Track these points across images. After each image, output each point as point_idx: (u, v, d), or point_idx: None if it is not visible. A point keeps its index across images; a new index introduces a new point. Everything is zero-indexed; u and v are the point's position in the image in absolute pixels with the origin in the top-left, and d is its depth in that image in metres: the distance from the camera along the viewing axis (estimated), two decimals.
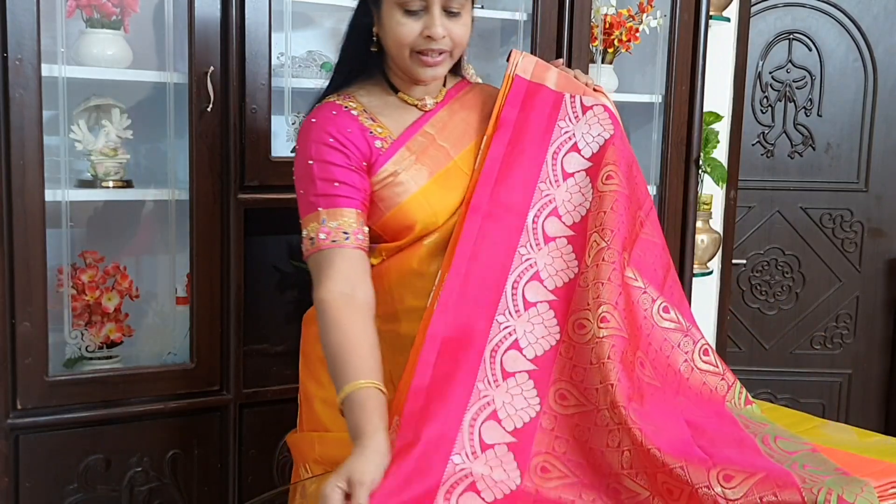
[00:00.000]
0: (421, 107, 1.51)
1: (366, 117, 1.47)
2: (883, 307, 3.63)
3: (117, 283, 2.02)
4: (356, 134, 1.44)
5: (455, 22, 1.43)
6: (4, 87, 1.77)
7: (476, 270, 1.37)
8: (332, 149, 1.42)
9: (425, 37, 1.41)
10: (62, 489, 1.91)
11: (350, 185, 1.41)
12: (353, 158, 1.42)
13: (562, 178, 1.46)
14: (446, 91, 1.55)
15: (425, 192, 1.45)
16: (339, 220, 1.39)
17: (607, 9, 2.55)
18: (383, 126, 1.48)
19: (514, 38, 2.45)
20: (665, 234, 2.59)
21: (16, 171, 1.79)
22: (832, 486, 1.09)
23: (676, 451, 1.17)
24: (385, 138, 1.46)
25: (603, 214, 1.40)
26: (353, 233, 1.39)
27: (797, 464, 1.17)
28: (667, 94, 2.59)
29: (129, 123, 2.02)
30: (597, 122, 1.49)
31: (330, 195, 1.40)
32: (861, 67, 3.50)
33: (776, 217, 3.60)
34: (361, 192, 1.43)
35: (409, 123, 1.49)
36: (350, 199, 1.41)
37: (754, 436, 1.27)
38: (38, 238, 1.82)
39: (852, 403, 3.67)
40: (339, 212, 1.40)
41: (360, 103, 1.49)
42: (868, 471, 1.19)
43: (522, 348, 1.32)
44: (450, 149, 1.49)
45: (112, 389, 1.94)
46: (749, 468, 1.13)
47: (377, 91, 1.51)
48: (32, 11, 1.78)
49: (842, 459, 1.23)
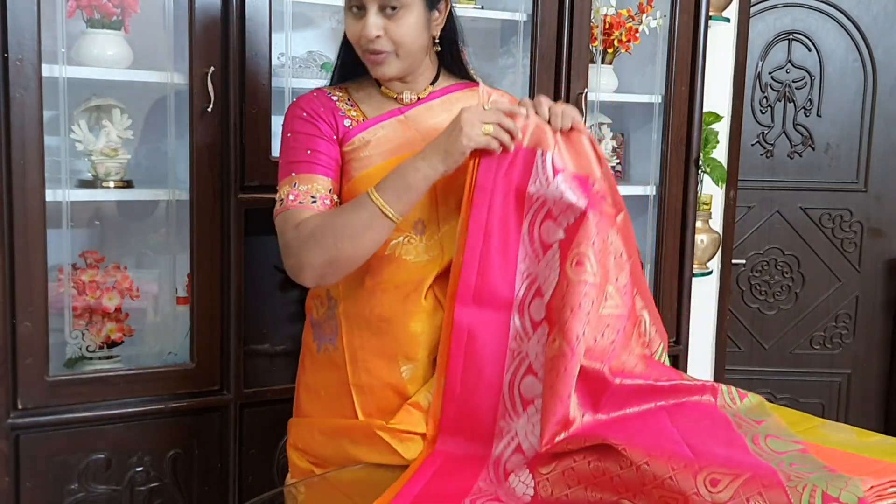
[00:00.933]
0: (399, 100, 1.58)
1: (344, 102, 1.57)
2: (882, 307, 3.63)
3: (117, 283, 2.02)
4: (327, 112, 1.53)
5: (395, 21, 1.47)
6: (5, 87, 1.77)
7: (470, 378, 1.39)
8: (305, 121, 1.52)
9: (366, 41, 1.48)
10: (62, 489, 1.91)
11: (321, 153, 1.51)
12: (323, 130, 1.52)
13: (541, 251, 1.40)
14: (432, 90, 1.60)
15: (380, 169, 1.50)
16: (309, 184, 1.48)
17: (607, 9, 2.56)
18: (359, 111, 1.56)
19: (514, 38, 2.45)
20: (665, 234, 2.62)
21: (16, 171, 1.79)
22: (816, 482, 1.10)
23: (662, 455, 1.17)
24: (355, 119, 1.55)
25: (569, 312, 1.32)
26: (321, 197, 1.48)
27: (784, 462, 1.17)
28: (666, 95, 2.59)
29: (130, 123, 2.02)
30: (568, 188, 1.39)
31: (302, 161, 1.50)
32: (861, 67, 3.51)
33: (776, 217, 3.60)
34: (332, 161, 1.51)
35: (386, 111, 1.57)
36: (320, 167, 1.50)
37: (745, 435, 1.27)
38: (39, 238, 1.82)
39: (852, 403, 3.67)
40: (310, 177, 1.49)
41: (346, 93, 1.59)
42: (867, 470, 1.19)
43: (525, 451, 1.33)
44: (419, 140, 1.53)
45: (112, 389, 1.94)
46: (735, 468, 1.13)
47: (366, 85, 1.60)
48: (33, 11, 1.78)
49: (841, 459, 1.23)
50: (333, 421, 1.54)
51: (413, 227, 1.52)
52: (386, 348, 1.50)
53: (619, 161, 2.72)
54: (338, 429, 1.53)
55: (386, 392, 1.50)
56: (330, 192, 1.49)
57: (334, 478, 1.48)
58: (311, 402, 1.60)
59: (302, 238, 1.44)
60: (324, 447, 1.54)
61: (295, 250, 1.44)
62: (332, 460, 1.53)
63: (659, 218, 2.63)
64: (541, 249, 1.40)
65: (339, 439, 1.53)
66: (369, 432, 1.48)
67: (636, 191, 2.67)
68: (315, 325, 1.61)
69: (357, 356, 1.52)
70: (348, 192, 1.52)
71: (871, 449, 1.31)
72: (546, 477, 1.27)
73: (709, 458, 1.16)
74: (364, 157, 1.52)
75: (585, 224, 1.36)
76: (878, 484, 1.15)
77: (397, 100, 1.57)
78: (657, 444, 1.19)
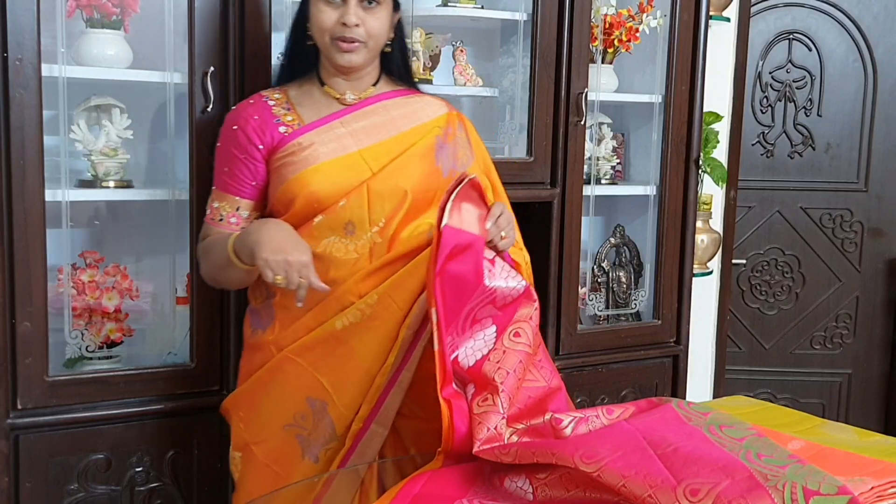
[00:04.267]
0: (342, 101, 1.66)
1: (282, 107, 1.65)
2: (883, 307, 3.63)
3: (117, 283, 2.01)
4: (260, 121, 1.63)
5: (371, 14, 1.60)
6: (4, 87, 1.77)
7: None
8: (232, 136, 1.64)
9: (341, 24, 1.58)
10: (62, 489, 1.91)
11: (237, 175, 1.64)
12: (248, 149, 1.63)
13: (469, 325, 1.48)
14: (373, 91, 1.68)
15: (322, 168, 1.59)
16: (221, 202, 1.67)
17: (607, 9, 2.55)
18: (297, 115, 1.64)
19: (514, 38, 2.45)
20: (665, 234, 2.62)
21: (16, 171, 1.79)
22: (793, 478, 1.10)
23: (637, 475, 1.16)
24: (291, 125, 1.63)
25: (505, 374, 1.42)
26: (227, 216, 1.65)
27: (751, 452, 1.18)
28: (667, 94, 2.59)
29: (129, 123, 2.02)
30: (508, 274, 1.51)
31: (221, 178, 1.67)
32: (861, 67, 3.51)
33: (776, 217, 3.60)
34: (246, 182, 1.65)
35: (326, 115, 1.65)
36: (233, 186, 1.65)
37: (699, 427, 1.27)
38: (39, 238, 1.82)
39: (852, 403, 3.67)
40: (222, 195, 1.67)
41: (285, 95, 1.67)
42: (868, 470, 1.19)
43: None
44: (356, 142, 1.62)
45: (112, 389, 1.94)
46: (711, 475, 1.12)
47: (308, 85, 1.69)
48: (32, 11, 1.78)
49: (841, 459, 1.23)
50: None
51: (344, 228, 1.60)
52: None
53: (619, 161, 2.72)
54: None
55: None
56: (238, 210, 1.65)
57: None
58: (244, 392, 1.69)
59: (200, 257, 1.70)
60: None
61: (199, 262, 1.70)
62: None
63: (659, 218, 2.63)
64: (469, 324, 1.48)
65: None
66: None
67: (636, 191, 2.67)
68: (253, 312, 1.70)
69: (283, 346, 1.61)
70: (282, 193, 1.61)
71: (872, 449, 1.31)
72: (543, 482, 1.27)
73: (682, 466, 1.15)
74: (298, 160, 1.60)
75: (526, 304, 1.51)
76: (878, 484, 1.15)
77: (339, 100, 1.66)
78: (629, 463, 1.18)
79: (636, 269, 2.70)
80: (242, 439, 1.68)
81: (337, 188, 1.59)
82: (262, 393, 1.64)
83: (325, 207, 1.60)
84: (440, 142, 1.69)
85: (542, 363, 1.52)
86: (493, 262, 1.50)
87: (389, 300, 1.56)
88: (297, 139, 1.61)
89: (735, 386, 3.48)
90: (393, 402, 1.57)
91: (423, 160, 1.66)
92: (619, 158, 2.72)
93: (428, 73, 2.40)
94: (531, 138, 2.38)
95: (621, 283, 2.67)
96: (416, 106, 1.71)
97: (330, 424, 1.58)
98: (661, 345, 2.65)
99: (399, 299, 1.56)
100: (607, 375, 2.57)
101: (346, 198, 1.59)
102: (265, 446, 1.64)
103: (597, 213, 2.60)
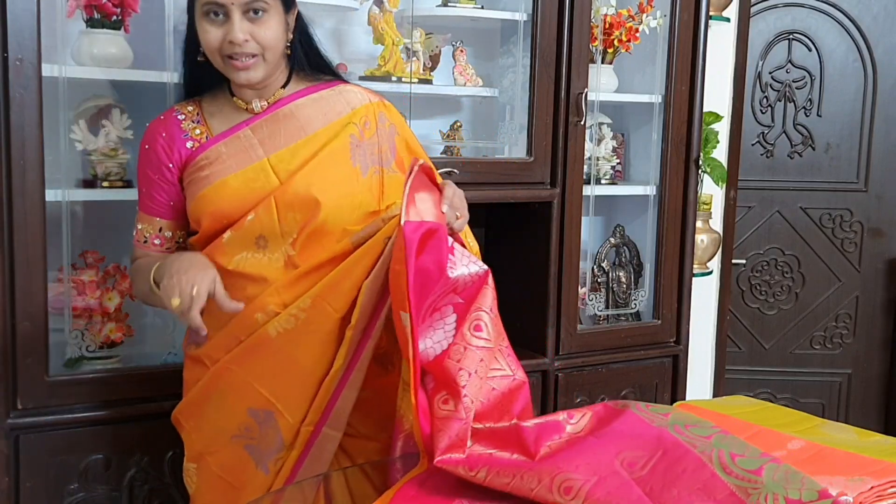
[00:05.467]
0: (249, 110, 1.59)
1: (191, 121, 1.60)
2: (883, 307, 3.63)
3: (117, 283, 2.01)
4: (168, 139, 1.58)
5: (260, 25, 1.50)
6: (5, 87, 1.77)
7: None
8: (145, 156, 1.61)
9: (228, 42, 1.48)
10: (62, 489, 1.91)
11: (152, 196, 1.62)
12: (160, 169, 1.59)
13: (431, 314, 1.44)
14: (282, 94, 1.60)
15: (229, 181, 1.54)
16: (143, 224, 1.64)
17: (607, 9, 2.55)
18: (206, 128, 1.60)
19: (514, 38, 2.45)
20: (665, 234, 2.62)
21: (16, 171, 1.79)
22: (774, 489, 1.09)
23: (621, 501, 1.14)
24: (199, 139, 1.58)
25: (467, 377, 1.35)
26: (151, 237, 1.63)
27: (723, 451, 1.16)
28: (667, 94, 2.59)
29: (130, 123, 2.02)
30: (469, 260, 1.45)
31: (143, 200, 1.64)
32: (861, 67, 3.51)
33: (776, 217, 3.60)
34: (163, 202, 1.61)
35: (234, 125, 1.58)
36: (153, 207, 1.62)
37: (664, 427, 1.25)
38: (39, 238, 1.82)
39: (852, 403, 3.67)
40: (144, 217, 1.64)
41: (198, 107, 1.62)
42: (868, 470, 1.19)
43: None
44: (263, 149, 1.56)
45: (112, 389, 1.94)
46: (694, 500, 1.11)
47: (220, 95, 1.63)
48: (33, 11, 1.77)
49: (841, 459, 1.23)
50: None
51: (255, 243, 1.54)
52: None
53: (619, 161, 2.72)
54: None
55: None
56: (161, 231, 1.63)
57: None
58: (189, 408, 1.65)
59: (130, 277, 1.73)
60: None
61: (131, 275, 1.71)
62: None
63: (659, 218, 2.63)
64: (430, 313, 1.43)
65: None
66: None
67: (636, 191, 2.67)
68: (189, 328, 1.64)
69: (216, 358, 1.57)
70: (191, 212, 1.59)
71: (872, 449, 1.31)
72: None
73: (661, 489, 1.13)
74: (205, 176, 1.56)
75: (484, 290, 1.44)
76: (878, 484, 1.15)
77: (248, 110, 1.59)
78: (607, 491, 1.15)
79: (636, 269, 2.71)
80: (195, 450, 1.63)
81: (243, 202, 1.52)
82: (206, 404, 1.59)
83: (232, 222, 1.53)
84: (355, 140, 1.58)
85: (507, 350, 1.46)
86: (453, 251, 1.43)
87: (324, 303, 1.49)
88: (203, 153, 1.55)
89: (735, 386, 3.48)
90: (345, 404, 1.51)
91: (336, 162, 1.55)
92: (618, 158, 2.72)
93: (428, 73, 2.40)
94: (531, 138, 2.38)
95: (621, 283, 2.67)
96: (331, 100, 1.60)
97: (278, 434, 1.52)
98: (661, 345, 2.65)
99: (334, 302, 1.49)
100: (607, 375, 2.57)
101: (253, 211, 1.52)
102: (217, 457, 1.59)
103: (597, 213, 2.60)
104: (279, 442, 1.52)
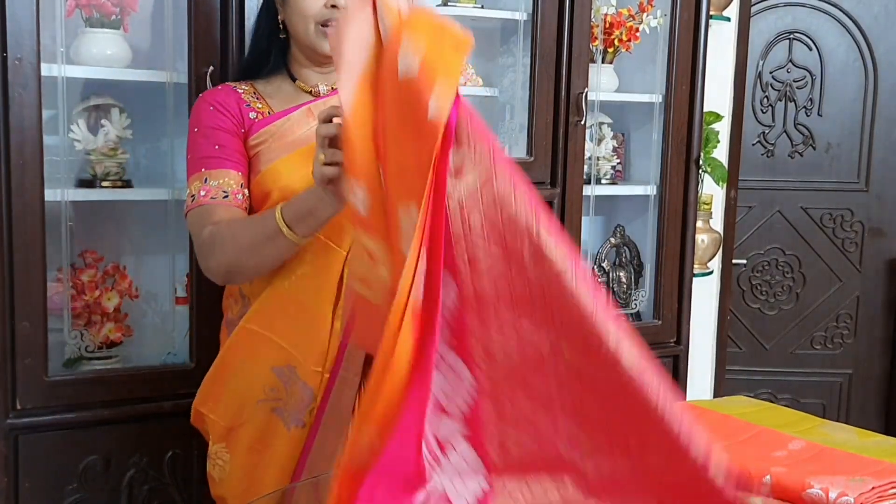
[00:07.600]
0: (314, 93, 1.59)
1: (251, 95, 1.57)
2: (883, 307, 3.63)
3: (117, 283, 2.01)
4: (232, 104, 1.54)
5: None
6: (4, 87, 1.77)
7: None
8: (212, 115, 1.52)
9: (330, 6, 1.49)
10: (62, 489, 1.90)
11: (230, 148, 1.52)
12: (232, 123, 1.52)
13: None
14: None
15: (286, 162, 1.52)
16: (220, 179, 1.50)
17: (607, 8, 2.55)
18: (266, 104, 1.57)
19: (514, 38, 2.44)
20: (665, 234, 2.61)
21: (15, 171, 1.79)
22: None
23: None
24: (261, 111, 1.55)
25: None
26: (233, 192, 1.49)
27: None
28: (667, 94, 2.59)
29: (129, 123, 2.02)
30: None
31: (212, 157, 1.51)
32: (861, 67, 3.50)
33: (776, 217, 3.59)
34: (240, 155, 1.52)
35: (295, 104, 1.57)
36: (230, 161, 1.51)
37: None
38: (38, 238, 1.82)
39: (852, 403, 3.67)
40: (220, 172, 1.50)
41: (253, 87, 1.59)
42: (869, 470, 1.19)
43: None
44: None
45: (112, 389, 1.93)
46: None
47: (277, 81, 1.61)
48: (32, 11, 1.77)
49: (842, 459, 1.23)
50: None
51: None
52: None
53: (619, 161, 2.72)
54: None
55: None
56: (241, 186, 1.51)
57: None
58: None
59: (211, 244, 1.46)
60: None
61: (205, 254, 1.48)
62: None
63: (659, 218, 2.63)
64: None
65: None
66: None
67: (636, 191, 2.67)
68: (230, 324, 1.63)
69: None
70: (256, 185, 1.54)
71: (872, 449, 1.31)
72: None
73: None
74: (268, 150, 1.53)
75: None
76: (879, 485, 1.15)
77: (312, 93, 1.59)
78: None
79: (636, 269, 2.70)
80: (221, 428, 1.60)
81: (299, 179, 1.49)
82: (229, 374, 1.57)
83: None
84: None
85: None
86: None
87: (327, 242, 1.50)
88: (265, 127, 1.54)
89: (735, 386, 3.48)
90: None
91: None
92: (619, 158, 2.72)
93: None
94: (531, 138, 2.37)
95: (621, 284, 2.67)
96: None
97: (305, 388, 1.51)
98: (662, 345, 2.65)
99: (337, 239, 1.49)
100: None
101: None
102: (246, 427, 1.56)
103: (597, 212, 2.60)
104: (309, 394, 1.51)
